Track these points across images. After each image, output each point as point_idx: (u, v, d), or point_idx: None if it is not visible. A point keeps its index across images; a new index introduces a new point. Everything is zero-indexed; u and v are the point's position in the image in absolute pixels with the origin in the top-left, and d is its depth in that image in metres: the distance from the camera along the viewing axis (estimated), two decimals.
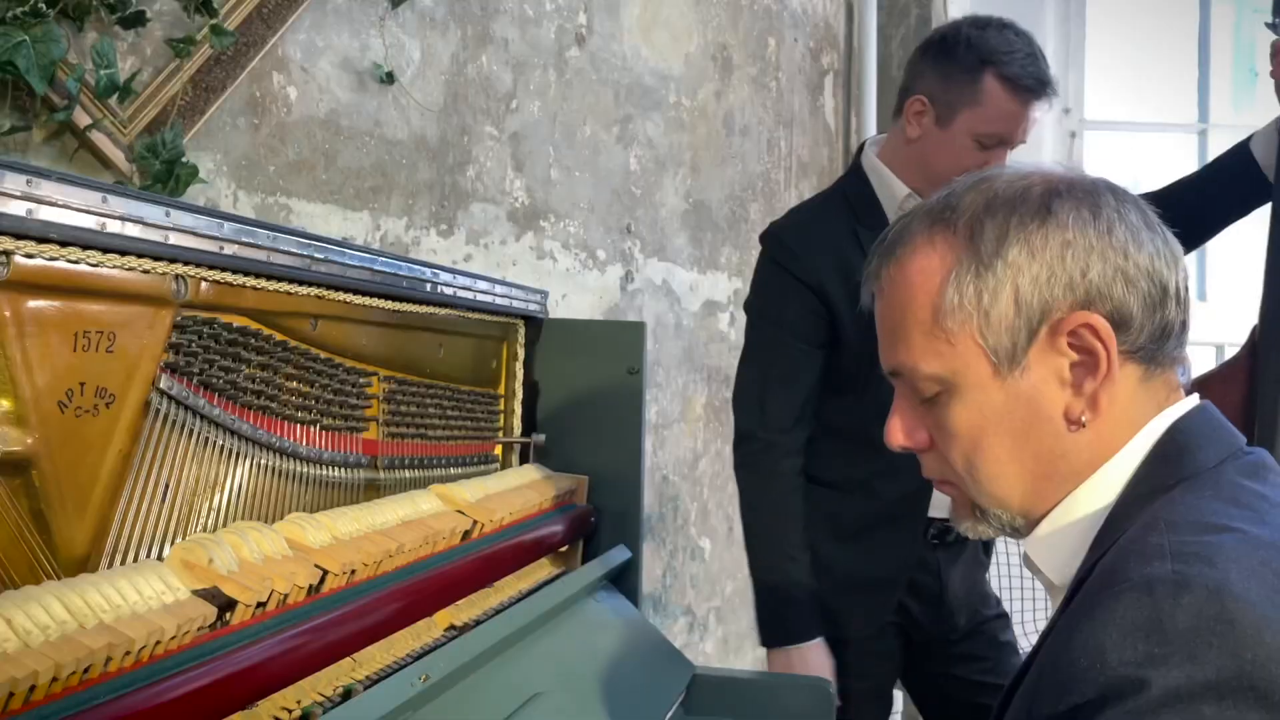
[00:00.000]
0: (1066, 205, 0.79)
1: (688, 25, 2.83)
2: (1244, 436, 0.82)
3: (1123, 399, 0.80)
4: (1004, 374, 0.80)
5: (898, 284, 0.84)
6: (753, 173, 3.18)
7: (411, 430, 1.28)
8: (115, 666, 0.70)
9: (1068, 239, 0.78)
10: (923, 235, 0.83)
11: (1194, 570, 0.66)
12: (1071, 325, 0.78)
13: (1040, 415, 0.80)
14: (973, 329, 0.80)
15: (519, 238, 2.21)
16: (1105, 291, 0.78)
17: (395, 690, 0.90)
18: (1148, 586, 0.66)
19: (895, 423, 0.88)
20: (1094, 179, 0.83)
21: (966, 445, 0.83)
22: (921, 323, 0.82)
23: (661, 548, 2.78)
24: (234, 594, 0.82)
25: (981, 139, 1.62)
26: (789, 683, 1.51)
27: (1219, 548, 0.67)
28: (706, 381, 2.98)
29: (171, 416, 0.89)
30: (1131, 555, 0.70)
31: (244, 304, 0.97)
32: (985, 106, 1.60)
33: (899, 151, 1.71)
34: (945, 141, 1.64)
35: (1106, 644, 0.65)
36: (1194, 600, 0.64)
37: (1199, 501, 0.74)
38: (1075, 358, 0.79)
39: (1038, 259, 0.78)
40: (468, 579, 1.16)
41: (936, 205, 0.84)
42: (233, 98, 1.58)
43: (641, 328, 1.57)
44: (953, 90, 1.62)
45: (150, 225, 0.82)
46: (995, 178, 0.84)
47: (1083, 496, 0.81)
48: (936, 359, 0.82)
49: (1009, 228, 0.79)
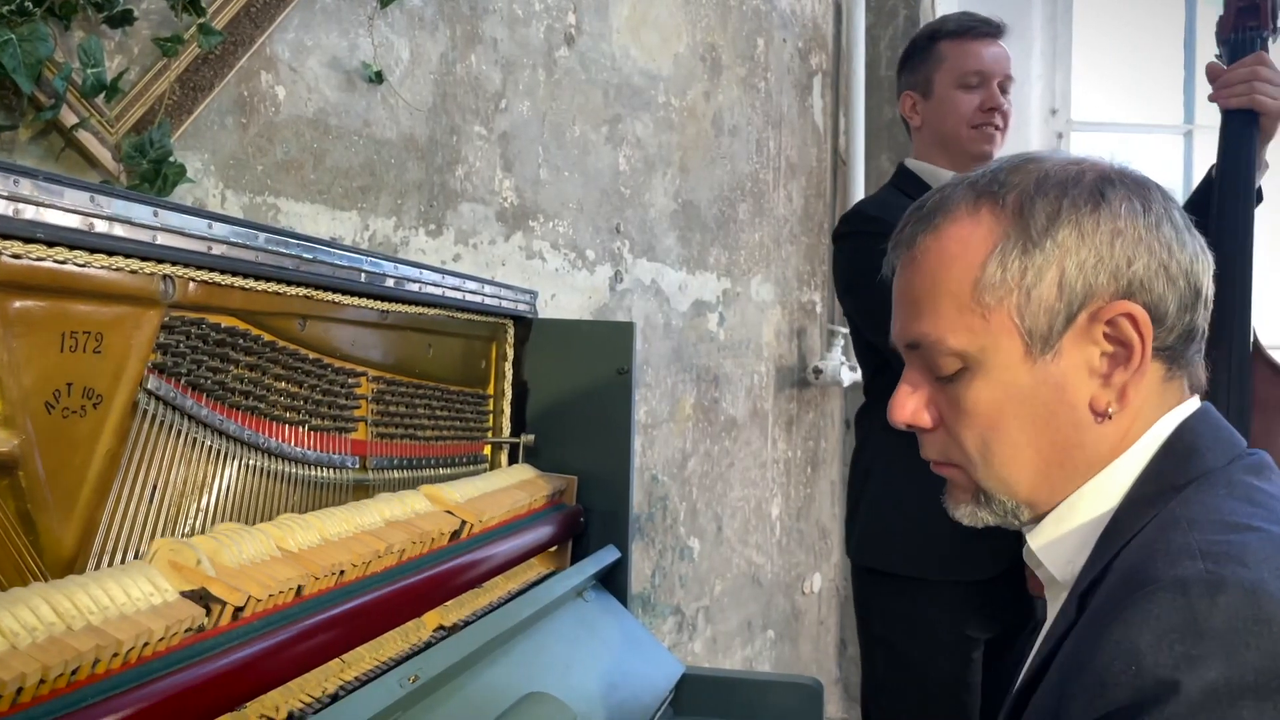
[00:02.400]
0: (1119, 194, 0.78)
1: (677, 25, 2.83)
2: (1244, 439, 0.82)
3: (1144, 396, 0.79)
4: (1035, 356, 0.78)
5: (933, 253, 0.82)
6: (742, 173, 3.18)
7: (400, 430, 1.28)
8: (103, 668, 0.70)
9: (1118, 227, 0.77)
10: (966, 206, 0.81)
11: (1227, 570, 0.65)
12: (1111, 314, 0.77)
13: (1064, 402, 0.79)
14: (1010, 306, 0.78)
15: (508, 238, 2.21)
16: (1147, 285, 0.77)
17: (384, 691, 0.90)
18: (1182, 587, 0.65)
19: (903, 398, 0.85)
20: (1143, 174, 0.82)
21: (983, 426, 0.81)
22: (955, 295, 0.80)
23: (650, 547, 2.78)
24: (222, 595, 0.82)
25: (963, 83, 1.81)
26: (778, 682, 1.51)
27: (1247, 547, 0.66)
28: (695, 382, 2.98)
29: (159, 417, 0.89)
30: (1158, 555, 0.69)
31: (232, 304, 0.97)
32: (947, 59, 1.83)
33: (920, 148, 1.89)
34: (938, 105, 1.83)
35: (1141, 646, 0.64)
36: (1230, 600, 0.63)
37: (1215, 500, 0.73)
38: (1109, 348, 0.78)
39: (1087, 243, 0.77)
40: (456, 579, 1.16)
41: (981, 178, 0.82)
42: (220, 97, 1.57)
43: (631, 328, 1.57)
44: (921, 70, 1.86)
45: (138, 225, 0.82)
46: (1045, 159, 0.82)
47: (1089, 493, 0.80)
48: (966, 333, 0.80)
49: (1061, 208, 0.78)
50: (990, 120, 1.80)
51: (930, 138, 1.86)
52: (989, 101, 1.80)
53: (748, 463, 3.28)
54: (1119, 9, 4.39)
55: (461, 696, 1.02)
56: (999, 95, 1.81)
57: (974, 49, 1.82)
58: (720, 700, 1.48)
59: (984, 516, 0.85)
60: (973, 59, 1.82)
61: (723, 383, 3.12)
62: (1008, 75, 1.83)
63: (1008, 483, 0.82)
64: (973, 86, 1.80)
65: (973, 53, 1.82)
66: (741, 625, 3.28)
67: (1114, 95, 4.22)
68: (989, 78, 1.80)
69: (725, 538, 3.13)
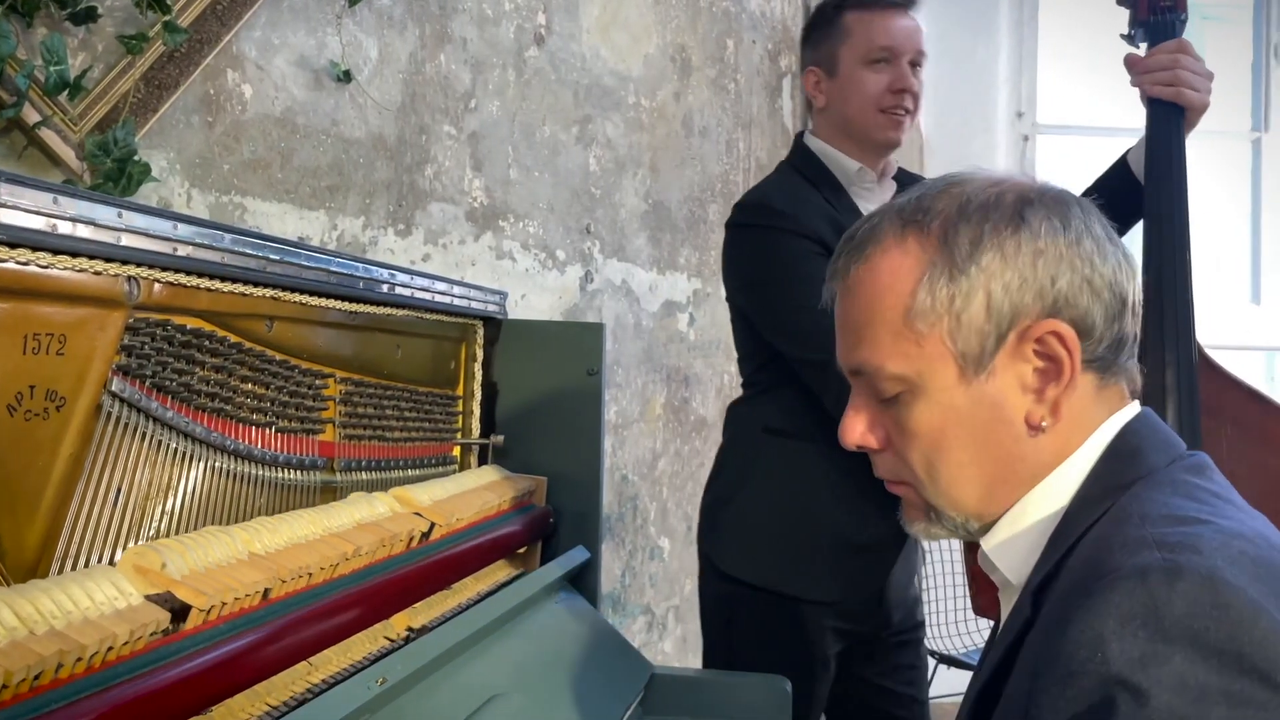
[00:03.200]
0: (1039, 214, 0.81)
1: (647, 26, 2.84)
2: (1183, 441, 0.84)
3: (1080, 406, 0.82)
4: (970, 377, 0.81)
5: (866, 283, 0.84)
6: (712, 174, 3.19)
7: (369, 432, 1.27)
8: (66, 673, 0.70)
9: (1039, 247, 0.80)
10: (894, 235, 0.84)
11: (1184, 558, 0.67)
12: (1039, 332, 0.80)
13: (1002, 419, 0.82)
14: (942, 331, 0.81)
15: (478, 238, 2.20)
16: (1072, 300, 0.80)
17: (352, 694, 0.90)
18: (1142, 575, 0.67)
19: (851, 421, 0.88)
20: (1061, 190, 0.84)
21: (927, 446, 0.83)
22: (890, 323, 0.83)
23: (621, 547, 2.79)
24: (188, 599, 0.82)
25: (869, 61, 1.66)
26: (746, 681, 1.52)
27: (1200, 538, 0.69)
28: (666, 381, 2.99)
29: (124, 419, 0.88)
30: (1115, 547, 0.71)
31: (198, 306, 0.96)
32: (854, 34, 1.67)
33: (824, 129, 1.74)
34: (843, 85, 1.68)
35: (1106, 633, 0.65)
36: (1189, 587, 0.65)
37: (1163, 497, 0.75)
38: (1040, 364, 0.81)
39: (1010, 266, 0.80)
40: (425, 581, 1.16)
41: (908, 206, 0.85)
42: (186, 95, 1.56)
43: (601, 329, 1.57)
44: (825, 44, 1.71)
45: (102, 226, 0.81)
46: (967, 181, 0.85)
47: (1038, 497, 0.83)
48: (903, 359, 0.82)
49: (983, 233, 0.80)
50: (900, 103, 1.66)
51: (834, 119, 1.70)
52: (898, 82, 1.65)
53: None
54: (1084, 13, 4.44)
55: (430, 698, 1.02)
56: (909, 75, 1.66)
57: (883, 22, 1.66)
58: (690, 700, 1.48)
59: (936, 532, 0.88)
60: (881, 33, 1.65)
61: (693, 383, 3.13)
62: (920, 51, 1.68)
63: (955, 499, 0.84)
64: (881, 64, 1.65)
65: (881, 26, 1.66)
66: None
67: (1080, 98, 4.27)
68: (898, 54, 1.65)
69: (695, 537, 3.14)
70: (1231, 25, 4.85)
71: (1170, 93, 1.52)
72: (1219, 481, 0.80)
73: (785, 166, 1.78)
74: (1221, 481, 0.81)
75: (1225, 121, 4.84)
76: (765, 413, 1.71)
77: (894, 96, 1.65)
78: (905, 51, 1.66)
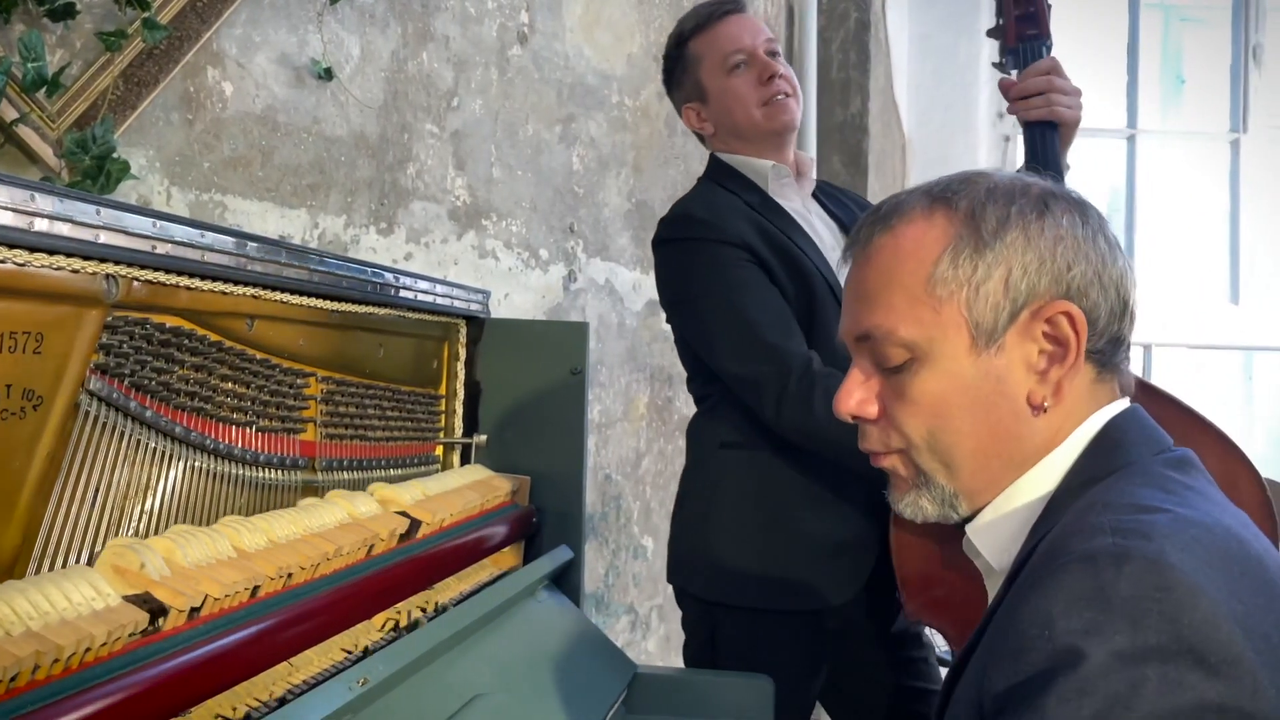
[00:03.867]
0: (1062, 206, 0.85)
1: (630, 25, 2.83)
2: (1170, 437, 0.86)
3: (1077, 393, 0.85)
4: (980, 349, 0.84)
5: (887, 250, 0.87)
6: (695, 173, 3.18)
7: (350, 431, 1.27)
8: (44, 674, 0.69)
9: (1061, 234, 0.84)
10: (921, 209, 0.87)
11: (1133, 543, 0.70)
12: (1051, 313, 0.83)
13: (1004, 395, 0.84)
14: (961, 301, 0.84)
15: (460, 236, 2.20)
16: (1083, 290, 0.83)
17: (334, 694, 0.89)
18: (1090, 558, 0.70)
19: (849, 390, 0.90)
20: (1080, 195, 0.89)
21: (928, 414, 0.86)
22: (909, 288, 0.85)
23: (604, 547, 2.79)
24: (167, 599, 0.81)
25: (729, 69, 1.69)
26: (729, 680, 1.52)
27: (1154, 525, 0.72)
28: (649, 381, 2.99)
29: (102, 419, 0.87)
30: (1074, 533, 0.75)
31: (178, 304, 0.96)
32: (705, 55, 1.72)
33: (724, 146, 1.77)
34: (719, 102, 1.71)
35: (1054, 612, 0.69)
36: (1134, 570, 0.68)
37: (1131, 488, 0.78)
38: (1047, 345, 0.84)
39: (1032, 247, 0.83)
40: (407, 581, 1.15)
41: (935, 187, 0.89)
42: (166, 93, 1.55)
43: (584, 328, 1.57)
44: (686, 76, 1.75)
45: (80, 224, 0.80)
46: (994, 174, 0.88)
47: (1024, 485, 0.86)
48: (917, 325, 0.85)
49: (1010, 214, 0.84)
50: (775, 90, 1.68)
51: (727, 135, 1.73)
52: (764, 72, 1.67)
53: None
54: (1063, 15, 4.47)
55: (412, 698, 1.02)
56: (770, 62, 1.68)
57: (723, 32, 1.70)
58: (673, 699, 1.49)
59: (924, 505, 0.89)
60: (727, 41, 1.69)
61: (676, 382, 3.13)
62: (769, 39, 1.71)
63: (950, 467, 0.87)
64: (740, 67, 1.68)
65: (724, 35, 1.70)
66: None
67: None
68: (751, 50, 1.68)
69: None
70: (1210, 27, 4.89)
71: (1045, 113, 1.56)
72: (1199, 477, 0.82)
73: (703, 180, 1.79)
74: (1203, 477, 0.82)
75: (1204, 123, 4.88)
76: (720, 428, 1.69)
77: (766, 87, 1.68)
78: (756, 46, 1.69)
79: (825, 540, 1.60)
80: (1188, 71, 4.92)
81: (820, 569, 1.60)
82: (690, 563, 1.70)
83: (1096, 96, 4.78)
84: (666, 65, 1.79)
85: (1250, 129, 4.76)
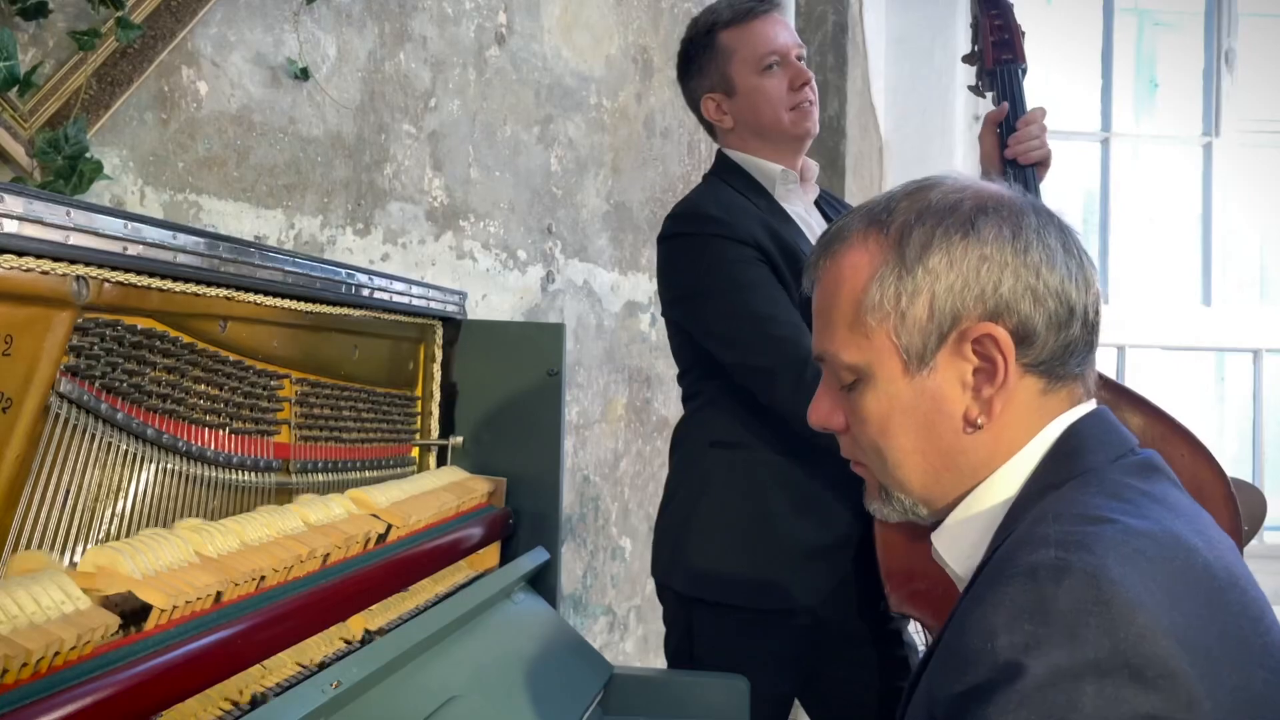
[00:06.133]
0: (991, 222, 0.84)
1: (608, 27, 2.84)
2: (1135, 439, 0.86)
3: (1019, 407, 0.85)
4: (913, 372, 0.85)
5: (831, 275, 0.89)
6: (673, 175, 3.20)
7: (325, 433, 1.26)
8: (12, 679, 0.68)
9: (985, 254, 0.83)
10: (858, 234, 0.88)
11: (1074, 557, 0.71)
12: (976, 334, 0.83)
13: (942, 413, 0.86)
14: (889, 327, 0.85)
15: (438, 237, 2.19)
16: (1013, 306, 0.83)
17: (306, 697, 0.89)
18: (1032, 572, 0.71)
19: (818, 403, 0.93)
20: (1024, 199, 0.88)
21: (874, 432, 0.88)
22: (845, 315, 0.87)
23: (582, 548, 2.78)
24: (137, 602, 0.81)
25: (763, 69, 1.69)
26: (705, 680, 1.52)
27: (1098, 537, 0.73)
28: (628, 382, 2.99)
29: (72, 421, 0.86)
30: (1021, 545, 0.75)
31: (149, 306, 0.95)
32: (739, 50, 1.69)
33: (737, 142, 1.76)
34: (747, 99, 1.70)
35: (997, 625, 0.70)
36: (1073, 584, 0.69)
37: (1084, 497, 0.79)
38: (978, 364, 0.84)
39: (955, 269, 0.83)
40: (382, 583, 1.15)
41: (877, 206, 0.89)
42: (140, 92, 1.54)
43: (561, 329, 1.57)
44: (712, 67, 1.72)
45: (50, 225, 0.79)
46: (934, 187, 0.88)
47: (983, 493, 0.86)
48: (855, 350, 0.87)
49: (934, 237, 0.84)
50: (805, 96, 1.69)
51: (746, 133, 1.73)
52: (798, 78, 1.69)
53: None
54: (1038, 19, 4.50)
55: (386, 702, 1.02)
56: (804, 69, 1.70)
57: (761, 30, 1.69)
58: (650, 700, 1.49)
59: (889, 513, 0.93)
60: (764, 41, 1.69)
61: (655, 383, 3.14)
62: (800, 45, 1.73)
63: (901, 483, 0.89)
64: (774, 68, 1.68)
65: (761, 35, 1.69)
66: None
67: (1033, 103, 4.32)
68: (786, 53, 1.69)
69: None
70: (1182, 32, 4.94)
71: (1040, 154, 1.69)
72: (1160, 481, 0.83)
73: (711, 177, 1.78)
74: (1165, 480, 0.83)
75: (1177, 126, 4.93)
76: (711, 427, 1.69)
77: (797, 93, 1.70)
78: (790, 49, 1.71)
79: (804, 542, 1.61)
80: (1161, 76, 4.96)
81: (797, 570, 1.61)
82: (672, 558, 1.70)
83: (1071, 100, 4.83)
84: (689, 51, 1.76)
85: (1223, 133, 4.81)
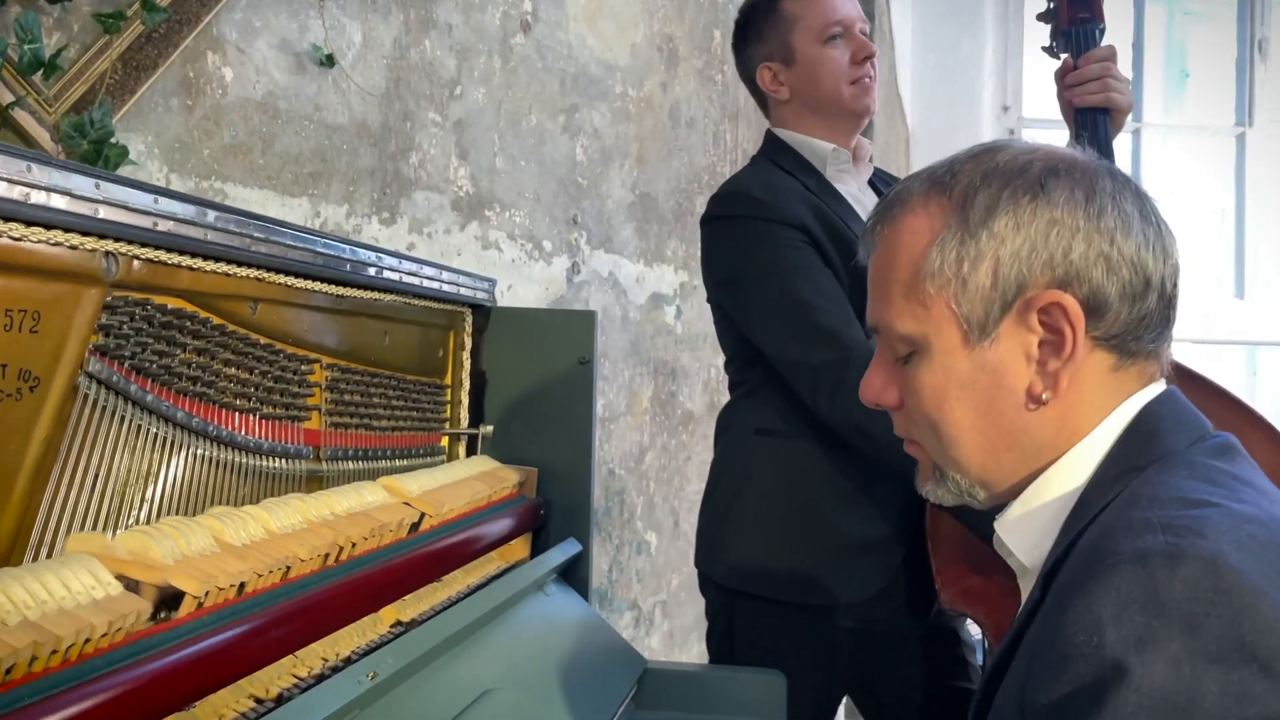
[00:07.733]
0: (1062, 184, 0.79)
1: (633, 15, 2.80)
2: (1209, 421, 0.82)
3: (1089, 383, 0.80)
4: (973, 343, 0.81)
5: (889, 242, 0.85)
6: (699, 165, 3.16)
7: (355, 420, 1.24)
8: (41, 666, 0.66)
9: (1055, 217, 0.78)
10: (919, 197, 0.84)
11: (1187, 542, 0.65)
12: (1043, 303, 0.78)
13: (1003, 387, 0.81)
14: (949, 295, 0.80)
15: (463, 227, 2.17)
16: (1084, 274, 0.78)
17: (342, 689, 0.86)
18: (1142, 559, 0.65)
19: (871, 378, 0.89)
20: (1099, 162, 0.82)
21: (930, 407, 0.83)
22: (902, 282, 0.83)
23: (608, 542, 2.76)
24: (170, 589, 0.78)
25: (826, 39, 1.64)
26: (740, 676, 1.49)
27: (1207, 521, 0.67)
28: (653, 375, 2.96)
29: (101, 402, 0.84)
30: (1119, 530, 0.70)
31: (179, 285, 0.93)
32: (802, 18, 1.65)
33: (791, 118, 1.70)
34: (807, 69, 1.65)
35: (1104, 617, 0.64)
36: (1190, 571, 0.63)
37: (1175, 480, 0.74)
38: (1044, 335, 0.79)
39: (1022, 233, 0.78)
40: (415, 573, 1.12)
41: (939, 169, 0.85)
42: (165, 77, 1.52)
43: (593, 316, 1.54)
44: (773, 34, 1.68)
45: (78, 198, 0.77)
46: (1001, 149, 0.83)
47: (1053, 478, 0.81)
48: (911, 320, 0.83)
49: (1000, 199, 0.79)
50: (866, 71, 1.64)
51: (802, 106, 1.67)
52: (861, 51, 1.63)
53: (705, 456, 3.26)
54: None
55: (421, 693, 0.99)
56: (868, 43, 1.65)
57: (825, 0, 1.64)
58: (683, 695, 1.46)
59: (943, 495, 0.87)
60: (828, 10, 1.63)
61: (680, 376, 3.10)
62: (864, 20, 1.68)
63: (957, 461, 0.84)
64: (837, 39, 1.63)
65: (828, 3, 1.64)
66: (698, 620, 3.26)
67: None
68: (850, 25, 1.64)
69: (682, 531, 3.11)
70: (1216, 21, 4.86)
71: (1101, 99, 1.57)
72: (1242, 464, 0.78)
73: (759, 158, 1.73)
74: (1247, 463, 0.78)
75: (1210, 117, 4.86)
76: (757, 414, 1.64)
77: (859, 67, 1.64)
78: (855, 21, 1.66)
79: (851, 537, 1.56)
80: (1192, 65, 4.89)
81: (842, 565, 1.56)
82: (713, 550, 1.67)
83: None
84: (750, 15, 1.71)
85: (1256, 123, 4.73)
